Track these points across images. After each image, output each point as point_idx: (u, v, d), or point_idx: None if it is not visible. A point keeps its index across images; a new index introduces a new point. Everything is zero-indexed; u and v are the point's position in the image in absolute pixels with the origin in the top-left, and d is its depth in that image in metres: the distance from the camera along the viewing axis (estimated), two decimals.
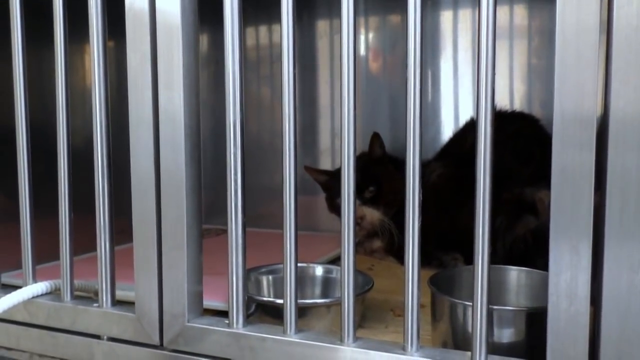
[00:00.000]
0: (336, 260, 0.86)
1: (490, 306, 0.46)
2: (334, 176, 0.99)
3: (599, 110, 0.43)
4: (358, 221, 0.87)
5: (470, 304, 0.46)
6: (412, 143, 0.47)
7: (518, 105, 1.00)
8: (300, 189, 0.52)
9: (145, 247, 0.57)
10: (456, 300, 0.53)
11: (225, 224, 0.54)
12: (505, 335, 0.51)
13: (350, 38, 0.48)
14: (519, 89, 1.01)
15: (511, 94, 1.01)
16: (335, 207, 0.98)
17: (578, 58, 0.42)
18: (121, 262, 0.60)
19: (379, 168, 0.95)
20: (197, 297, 0.57)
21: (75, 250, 0.63)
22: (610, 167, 0.42)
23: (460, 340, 0.53)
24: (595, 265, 0.43)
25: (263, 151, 1.18)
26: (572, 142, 0.42)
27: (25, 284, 0.64)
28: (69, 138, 0.61)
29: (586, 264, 0.42)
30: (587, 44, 0.42)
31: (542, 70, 1.00)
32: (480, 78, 0.45)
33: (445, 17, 1.05)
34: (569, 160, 0.43)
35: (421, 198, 0.48)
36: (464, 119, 1.00)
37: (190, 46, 0.55)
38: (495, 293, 0.60)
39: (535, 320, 0.51)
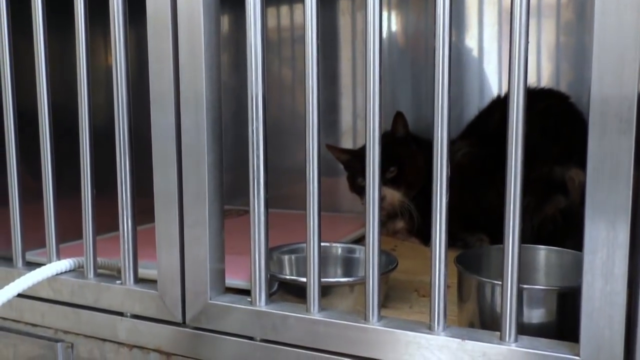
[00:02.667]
0: (358, 241, 0.85)
1: (520, 285, 0.44)
2: (356, 155, 0.97)
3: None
4: None
5: (500, 282, 0.45)
6: (440, 119, 0.45)
7: (545, 85, 0.97)
8: (321, 171, 0.51)
9: (167, 223, 0.56)
10: (485, 279, 0.52)
11: (246, 205, 0.53)
12: (535, 315, 0.49)
13: (376, 15, 0.47)
14: (547, 68, 0.98)
15: (539, 73, 0.98)
16: (356, 187, 0.97)
17: (619, 22, 0.40)
18: (144, 242, 0.60)
19: (402, 148, 0.93)
20: (219, 274, 0.57)
21: (100, 230, 0.63)
22: None
23: (488, 320, 0.52)
24: (633, 244, 0.41)
25: (284, 133, 1.17)
26: (610, 113, 0.40)
27: (49, 262, 0.64)
28: (90, 117, 0.61)
29: (624, 240, 0.40)
30: (629, 5, 0.39)
31: (570, 49, 0.96)
32: (512, 53, 0.43)
33: None
34: (607, 132, 0.41)
35: (448, 174, 0.46)
36: (489, 97, 0.97)
37: (211, 19, 0.54)
38: (524, 273, 0.58)
39: (567, 300, 0.49)
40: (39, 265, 0.64)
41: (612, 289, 0.41)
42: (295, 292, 0.59)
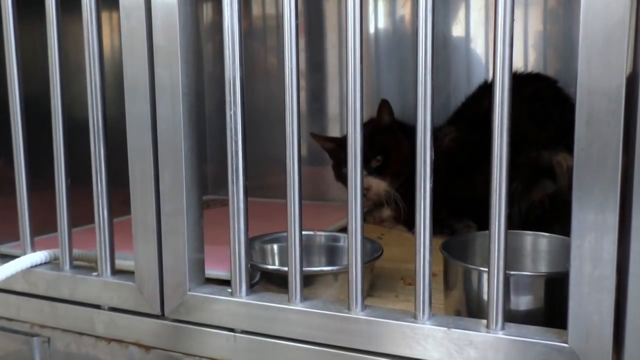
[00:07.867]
0: (344, 230, 0.83)
1: (507, 272, 0.43)
2: (341, 143, 0.96)
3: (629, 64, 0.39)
4: (364, 192, 0.84)
5: (486, 269, 0.44)
6: (424, 100, 0.44)
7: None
8: (308, 160, 0.49)
9: (143, 213, 0.54)
10: (471, 266, 0.51)
11: None
12: (523, 302, 0.48)
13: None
14: (533, 56, 0.97)
15: (525, 61, 0.97)
16: (341, 176, 0.95)
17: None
18: (126, 233, 0.58)
19: (387, 136, 0.91)
20: (198, 265, 0.55)
21: (78, 222, 0.61)
22: None
23: (475, 308, 0.51)
24: (622, 228, 0.40)
25: (271, 122, 1.15)
26: (599, 92, 0.39)
27: (24, 254, 0.62)
28: (63, 106, 0.59)
29: (612, 224, 0.39)
30: None
31: (556, 37, 0.95)
32: (497, 36, 0.41)
33: None
34: (595, 112, 0.39)
35: (433, 156, 0.45)
36: (476, 82, 0.96)
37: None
38: (511, 259, 0.57)
39: (555, 287, 0.48)
40: (14, 257, 0.62)
41: (601, 273, 0.40)
42: (278, 282, 0.58)
